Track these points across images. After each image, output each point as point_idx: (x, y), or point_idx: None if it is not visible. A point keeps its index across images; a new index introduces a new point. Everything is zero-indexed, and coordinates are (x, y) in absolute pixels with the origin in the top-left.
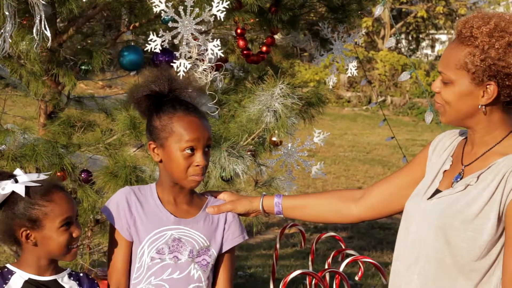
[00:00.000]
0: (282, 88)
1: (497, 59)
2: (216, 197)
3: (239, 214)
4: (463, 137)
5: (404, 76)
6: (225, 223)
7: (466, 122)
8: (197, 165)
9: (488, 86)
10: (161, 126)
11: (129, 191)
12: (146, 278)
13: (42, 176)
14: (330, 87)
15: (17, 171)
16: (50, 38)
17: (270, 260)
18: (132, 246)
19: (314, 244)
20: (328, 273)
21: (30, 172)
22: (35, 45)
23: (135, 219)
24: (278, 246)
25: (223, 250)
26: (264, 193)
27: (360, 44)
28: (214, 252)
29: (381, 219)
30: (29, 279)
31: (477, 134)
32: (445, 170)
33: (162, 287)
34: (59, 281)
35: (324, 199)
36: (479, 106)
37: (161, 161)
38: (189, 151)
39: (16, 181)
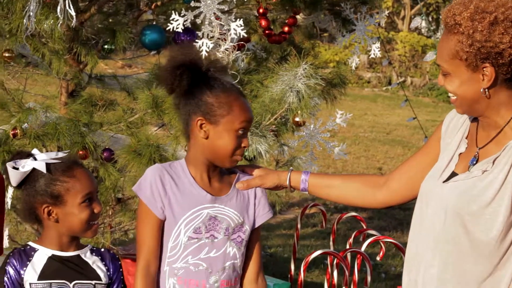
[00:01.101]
0: (305, 68)
1: (484, 41)
2: (243, 172)
3: (267, 188)
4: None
5: (430, 56)
6: (255, 198)
7: (477, 109)
8: (244, 146)
9: (484, 69)
10: (218, 104)
11: (161, 169)
12: (182, 257)
13: (61, 154)
14: (353, 68)
15: (35, 151)
16: (74, 16)
17: (291, 240)
18: (163, 225)
19: (335, 224)
20: (349, 253)
21: (50, 151)
22: (59, 24)
23: (170, 198)
24: (299, 226)
25: (255, 226)
26: (291, 168)
27: (381, 25)
28: (248, 228)
29: None
30: (53, 255)
31: (487, 118)
32: (460, 153)
33: (199, 266)
34: (82, 256)
35: (350, 182)
36: (481, 90)
37: (206, 137)
38: (241, 132)
39: (35, 160)
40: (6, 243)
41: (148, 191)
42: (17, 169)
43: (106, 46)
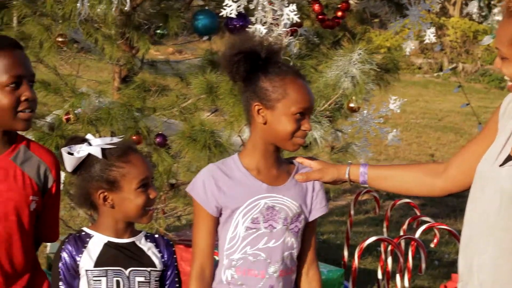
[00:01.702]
0: (360, 53)
1: None
2: (303, 164)
3: (326, 182)
4: None
5: (487, 40)
6: (313, 191)
7: None
8: (304, 130)
9: None
10: (272, 88)
11: (213, 168)
12: (241, 248)
13: (116, 139)
14: (407, 53)
15: (89, 136)
16: (127, 1)
17: (343, 226)
18: (217, 222)
19: (388, 211)
20: (403, 240)
21: (104, 137)
22: (112, 8)
23: (224, 193)
24: (352, 212)
25: (310, 219)
26: (350, 162)
27: (432, 10)
28: (303, 218)
29: None
30: (108, 241)
31: None
32: None
33: (258, 256)
34: (137, 243)
35: (409, 171)
36: None
37: (265, 123)
38: (299, 115)
39: (90, 145)
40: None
41: (200, 190)
42: (72, 154)
43: (158, 31)
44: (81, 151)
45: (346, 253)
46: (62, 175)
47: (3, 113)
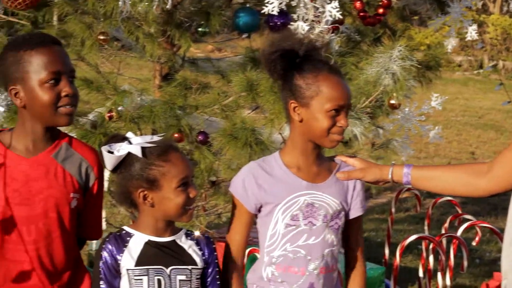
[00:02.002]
0: (401, 50)
1: None
2: (346, 162)
3: (367, 182)
4: None
5: None
6: (353, 190)
7: None
8: (340, 126)
9: None
10: (306, 85)
11: (253, 165)
12: (281, 245)
13: (156, 138)
14: (449, 50)
15: (129, 134)
16: None
17: (383, 224)
18: (254, 218)
19: (430, 209)
20: (445, 238)
21: (145, 135)
22: (154, 6)
23: (264, 190)
24: (393, 210)
25: (350, 217)
26: (393, 162)
27: (473, 7)
28: (344, 215)
29: None
30: (149, 240)
31: None
32: None
33: (298, 253)
34: (178, 241)
35: (453, 172)
36: None
37: (301, 120)
38: (334, 112)
39: (130, 143)
40: (103, 225)
41: (240, 187)
42: (112, 153)
43: (200, 29)
44: (121, 149)
45: (387, 251)
46: (107, 173)
47: (44, 110)
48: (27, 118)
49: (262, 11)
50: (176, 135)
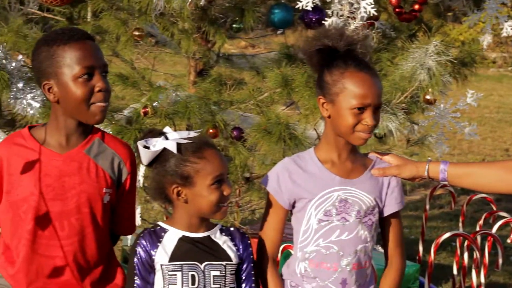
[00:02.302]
0: (436, 45)
1: None
2: (381, 159)
3: (404, 179)
4: None
5: None
6: (388, 187)
7: None
8: (366, 124)
9: None
10: (332, 82)
11: (288, 161)
12: (314, 240)
13: (193, 134)
14: (484, 47)
15: (167, 129)
16: None
17: (417, 221)
18: (287, 214)
19: (464, 206)
20: (479, 235)
21: (180, 130)
22: (188, 2)
23: (298, 185)
24: (427, 207)
25: (384, 214)
26: (429, 158)
27: (508, 4)
28: (378, 212)
29: None
30: (183, 236)
31: None
32: None
33: (330, 248)
34: (212, 237)
35: (490, 169)
36: None
37: (329, 116)
38: (358, 110)
39: (167, 139)
40: (138, 221)
41: (274, 182)
42: (148, 148)
43: (234, 25)
44: (157, 144)
45: (421, 248)
46: (142, 169)
47: (77, 105)
48: (60, 113)
49: (296, 7)
50: (210, 130)
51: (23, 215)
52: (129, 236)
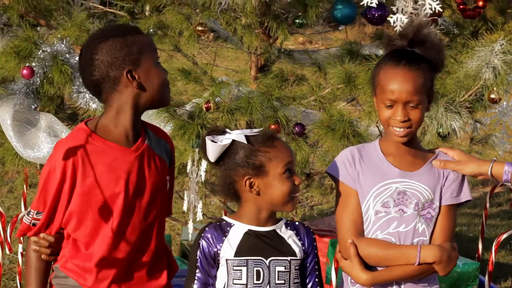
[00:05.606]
0: (503, 44)
1: None
2: (447, 154)
3: (464, 174)
4: None
5: None
6: (445, 180)
7: None
8: (395, 119)
9: None
10: (375, 76)
11: (353, 149)
12: (372, 231)
13: (255, 130)
14: None
15: (228, 130)
16: None
17: (475, 219)
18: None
19: None
20: None
21: (239, 127)
22: None
23: (359, 173)
24: (488, 205)
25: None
26: (494, 158)
27: None
28: (437, 205)
29: None
30: (249, 230)
31: None
32: None
33: (388, 240)
34: (278, 231)
35: None
36: None
37: (376, 111)
38: (389, 105)
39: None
40: (199, 215)
41: (341, 168)
42: (216, 143)
43: (297, 21)
44: (224, 139)
45: (480, 246)
46: (204, 164)
47: (160, 86)
48: (141, 100)
49: (361, 3)
50: (272, 126)
51: (107, 214)
52: (190, 231)
